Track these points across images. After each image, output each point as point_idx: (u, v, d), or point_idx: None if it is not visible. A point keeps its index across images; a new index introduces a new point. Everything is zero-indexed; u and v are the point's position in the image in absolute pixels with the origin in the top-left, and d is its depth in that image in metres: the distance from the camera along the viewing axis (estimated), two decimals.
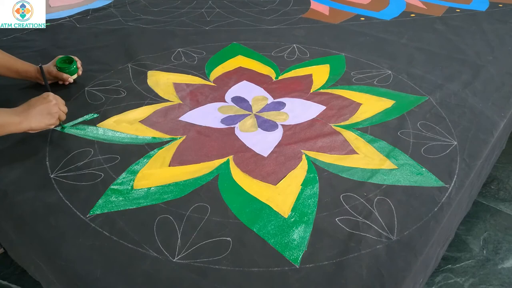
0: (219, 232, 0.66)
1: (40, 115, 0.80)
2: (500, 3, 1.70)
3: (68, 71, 1.04)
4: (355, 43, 1.33)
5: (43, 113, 0.81)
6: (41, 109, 0.81)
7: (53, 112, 0.82)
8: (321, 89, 1.07)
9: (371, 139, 0.88)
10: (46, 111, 0.81)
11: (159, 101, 1.01)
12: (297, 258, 0.62)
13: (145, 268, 0.61)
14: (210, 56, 1.24)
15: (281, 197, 0.73)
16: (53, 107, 0.82)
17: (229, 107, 1.00)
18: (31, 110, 0.79)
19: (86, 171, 0.78)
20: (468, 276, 1.14)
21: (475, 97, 1.03)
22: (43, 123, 0.82)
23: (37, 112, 0.80)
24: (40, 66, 0.92)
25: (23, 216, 0.70)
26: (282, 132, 0.90)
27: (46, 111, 0.81)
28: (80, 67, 1.07)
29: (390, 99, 1.02)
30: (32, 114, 0.79)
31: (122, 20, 1.51)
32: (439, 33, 1.41)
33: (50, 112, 0.82)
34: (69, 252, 0.63)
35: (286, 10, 1.64)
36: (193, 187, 0.75)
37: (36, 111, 0.80)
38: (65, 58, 1.05)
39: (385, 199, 0.73)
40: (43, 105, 0.81)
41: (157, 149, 0.84)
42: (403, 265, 0.62)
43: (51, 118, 0.83)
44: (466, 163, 0.82)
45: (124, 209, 0.70)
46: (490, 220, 1.31)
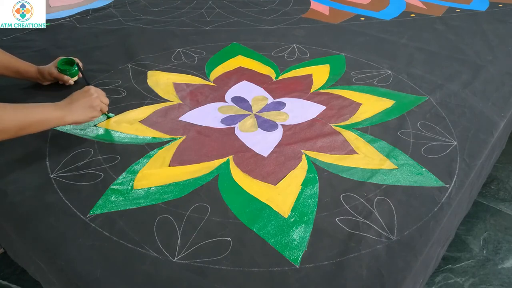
0: (219, 232, 0.66)
1: (83, 108, 0.82)
2: (500, 3, 1.70)
3: (69, 73, 1.04)
4: (355, 43, 1.33)
5: (86, 106, 0.83)
6: (83, 102, 0.83)
7: (95, 105, 0.85)
8: (321, 89, 1.07)
9: (371, 139, 0.88)
10: (88, 104, 0.83)
11: (159, 101, 1.01)
12: (297, 258, 0.62)
13: (145, 268, 0.61)
14: (210, 56, 1.24)
15: (281, 197, 0.73)
16: (95, 100, 0.84)
17: (229, 107, 1.00)
18: (74, 104, 0.81)
19: (86, 171, 0.78)
20: (468, 276, 1.14)
21: (475, 97, 1.03)
22: (86, 116, 0.84)
23: (80, 105, 0.82)
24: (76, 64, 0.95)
25: (23, 216, 0.70)
26: (282, 132, 0.90)
27: (88, 104, 0.83)
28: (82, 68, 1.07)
29: (390, 99, 1.02)
30: (75, 108, 0.81)
31: (122, 20, 1.51)
32: (439, 33, 1.41)
33: (92, 105, 0.84)
34: (69, 252, 0.63)
35: (286, 10, 1.64)
36: (193, 187, 0.75)
37: (78, 104, 0.82)
38: (66, 59, 1.04)
39: (385, 199, 0.73)
40: (85, 99, 0.83)
41: (157, 149, 0.85)
42: (403, 265, 0.62)
43: (93, 110, 0.85)
44: (466, 163, 0.82)
45: (124, 209, 0.70)
46: (490, 220, 1.31)
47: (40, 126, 0.77)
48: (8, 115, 0.71)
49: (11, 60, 0.99)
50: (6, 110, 0.71)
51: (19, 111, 0.73)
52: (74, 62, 1.05)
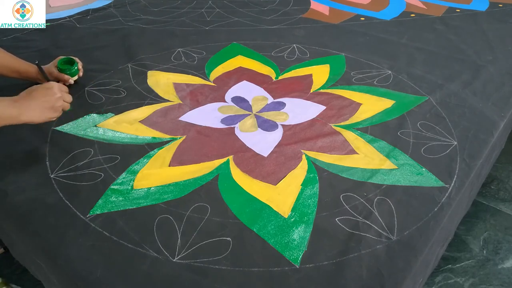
0: (219, 232, 0.66)
1: (42, 108, 0.74)
2: (500, 3, 1.70)
3: (69, 72, 1.04)
4: (355, 43, 1.33)
5: (46, 107, 0.74)
6: (44, 102, 0.74)
7: (57, 106, 0.76)
8: (321, 89, 1.07)
9: (371, 139, 0.88)
10: (50, 105, 0.75)
11: (159, 101, 1.01)
12: (297, 258, 0.62)
13: (145, 268, 0.61)
14: (210, 56, 1.24)
15: (281, 197, 0.73)
16: (57, 101, 0.76)
17: (229, 107, 1.00)
18: (32, 102, 0.73)
19: (86, 171, 0.78)
20: (468, 276, 1.14)
21: (475, 97, 1.03)
22: (45, 117, 0.75)
23: (39, 105, 0.73)
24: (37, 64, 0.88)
25: (23, 216, 0.70)
26: (282, 132, 0.90)
27: (49, 104, 0.75)
28: (81, 68, 1.07)
29: (390, 99, 1.02)
30: (33, 106, 0.72)
31: (122, 20, 1.51)
32: (439, 33, 1.41)
33: (53, 106, 0.75)
34: (69, 252, 0.63)
35: (286, 10, 1.64)
36: (193, 187, 0.75)
37: (38, 103, 0.73)
38: (66, 59, 1.04)
39: (385, 199, 0.73)
40: (47, 98, 0.75)
41: (157, 149, 0.85)
42: (403, 265, 0.62)
43: (54, 112, 0.77)
44: (466, 163, 0.82)
45: (124, 209, 0.70)
46: (490, 220, 1.31)
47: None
48: None
49: (11, 60, 0.98)
50: None
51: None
52: (74, 61, 1.05)
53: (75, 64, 1.04)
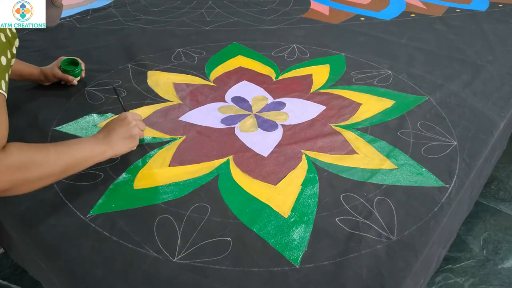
0: (219, 232, 0.66)
1: (122, 139, 0.75)
2: (500, 3, 1.70)
3: (73, 73, 1.04)
4: (355, 43, 1.33)
5: (125, 137, 0.76)
6: (122, 132, 0.75)
7: (134, 134, 0.77)
8: (321, 89, 1.07)
9: (371, 139, 0.88)
10: (128, 135, 0.76)
11: (159, 101, 1.01)
12: (297, 258, 0.62)
13: (145, 268, 0.61)
14: (210, 56, 1.24)
15: (281, 197, 0.73)
16: (134, 129, 0.77)
17: (229, 107, 1.00)
18: (113, 136, 0.74)
19: (86, 171, 0.78)
20: (468, 276, 1.14)
21: (475, 97, 1.03)
22: (127, 147, 0.77)
23: (119, 136, 0.74)
24: (113, 87, 0.89)
25: (23, 216, 0.70)
26: (282, 132, 0.90)
27: (127, 134, 0.76)
28: (83, 69, 1.08)
29: (390, 99, 1.02)
30: (114, 140, 0.74)
31: (122, 20, 1.51)
32: (439, 33, 1.41)
33: (131, 135, 0.76)
34: (69, 252, 0.63)
35: (286, 10, 1.64)
36: (193, 187, 0.75)
37: (117, 136, 0.74)
38: (69, 60, 1.05)
39: (385, 199, 0.73)
40: (124, 128, 0.76)
41: (157, 149, 0.84)
42: (403, 265, 0.62)
43: (133, 140, 0.77)
44: (466, 163, 0.82)
45: (124, 209, 0.70)
46: (490, 220, 1.31)
47: (84, 165, 0.69)
48: (52, 159, 0.63)
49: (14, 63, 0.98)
50: (49, 154, 0.63)
51: (62, 152, 0.66)
52: (77, 62, 1.05)
53: (79, 66, 1.05)
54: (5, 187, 0.57)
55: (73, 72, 1.04)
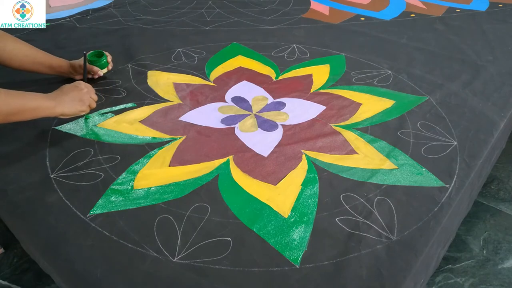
0: (219, 232, 0.66)
1: (72, 101, 0.84)
2: (500, 3, 1.70)
3: (99, 64, 1.06)
4: (355, 43, 1.33)
5: (75, 100, 0.85)
6: (73, 95, 0.85)
7: (85, 99, 0.86)
8: (321, 89, 1.07)
9: (371, 139, 0.88)
10: (78, 98, 0.85)
11: (159, 101, 1.01)
12: (297, 258, 0.62)
13: (145, 268, 0.61)
14: (210, 56, 1.24)
15: (281, 197, 0.73)
16: (85, 95, 0.87)
17: (229, 107, 1.00)
18: (64, 97, 0.84)
19: (86, 171, 0.78)
20: (468, 276, 1.14)
21: (475, 97, 1.03)
22: (75, 109, 0.85)
23: (70, 98, 0.84)
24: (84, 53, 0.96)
25: (23, 216, 0.70)
26: (282, 132, 0.90)
27: (78, 97, 0.85)
28: (110, 61, 1.10)
29: (390, 99, 1.02)
30: (65, 100, 0.83)
31: (122, 20, 1.51)
32: (439, 33, 1.41)
33: (81, 99, 0.86)
34: (69, 252, 0.63)
35: (286, 10, 1.64)
36: (193, 187, 0.75)
37: (68, 97, 0.84)
38: (96, 52, 1.07)
39: (385, 199, 0.73)
40: (75, 92, 0.85)
41: (157, 149, 0.85)
42: (403, 265, 0.62)
43: (82, 105, 0.86)
44: (466, 163, 0.82)
45: (124, 209, 0.70)
46: (490, 220, 1.31)
47: (31, 114, 0.78)
48: (1, 99, 0.72)
49: (44, 56, 1.02)
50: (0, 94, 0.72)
51: (11, 97, 0.74)
52: (104, 54, 1.07)
53: (104, 57, 1.07)
54: None
55: (98, 63, 1.06)
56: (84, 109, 0.87)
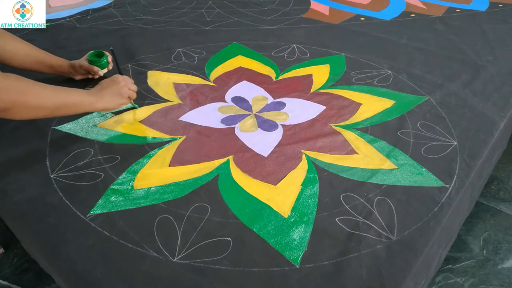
0: (219, 232, 0.66)
1: (111, 95, 0.86)
2: (500, 3, 1.70)
3: (99, 64, 1.07)
4: (355, 43, 1.33)
5: (114, 94, 0.87)
6: (112, 90, 0.87)
7: (123, 92, 0.89)
8: (321, 89, 1.07)
9: (371, 139, 0.88)
10: (117, 92, 0.87)
11: (159, 101, 1.01)
12: (297, 258, 0.62)
13: (145, 268, 0.61)
14: (210, 56, 1.24)
15: (281, 197, 0.73)
16: (123, 88, 0.89)
17: (229, 107, 1.00)
18: (104, 91, 0.86)
19: (86, 171, 0.78)
20: (468, 276, 1.14)
21: (475, 97, 1.03)
22: (115, 103, 0.88)
23: (109, 93, 0.86)
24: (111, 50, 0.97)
25: (23, 216, 0.70)
26: (282, 132, 0.90)
27: (116, 91, 0.87)
28: (110, 62, 1.11)
29: (390, 99, 1.02)
30: (105, 94, 0.85)
31: (122, 20, 1.51)
32: (439, 33, 1.41)
33: (120, 93, 0.88)
34: (69, 252, 0.63)
35: (286, 10, 1.64)
36: (193, 187, 0.75)
37: (108, 92, 0.86)
38: (96, 52, 1.08)
39: (385, 199, 0.73)
40: (114, 86, 0.87)
41: (157, 149, 0.85)
42: (403, 265, 0.62)
43: (122, 98, 0.89)
44: (466, 163, 0.82)
45: (124, 209, 0.70)
46: (490, 220, 1.31)
47: (75, 108, 0.81)
48: (48, 93, 0.75)
49: (44, 56, 1.02)
50: (47, 89, 0.75)
51: (57, 91, 0.77)
52: (104, 54, 1.08)
53: (104, 57, 1.08)
54: (6, 106, 0.67)
55: (99, 63, 1.07)
56: (124, 102, 0.90)
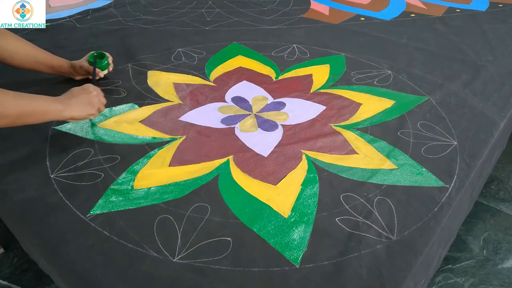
0: (219, 232, 0.66)
1: (81, 104, 0.82)
2: (500, 3, 1.70)
3: (100, 66, 1.06)
4: (355, 43, 1.33)
5: (84, 103, 0.82)
6: (82, 98, 0.82)
7: (94, 102, 0.84)
8: (321, 89, 1.07)
9: (371, 139, 0.88)
10: (87, 101, 0.83)
11: (159, 101, 1.01)
12: (297, 258, 0.62)
13: (145, 268, 0.61)
14: (210, 56, 1.24)
15: (281, 197, 0.73)
16: (94, 98, 0.84)
17: (229, 107, 1.00)
18: (73, 100, 0.81)
19: (86, 171, 0.78)
20: (468, 276, 1.14)
21: (475, 97, 1.03)
22: (84, 112, 0.83)
23: (79, 101, 0.82)
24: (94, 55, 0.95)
25: (23, 216, 0.70)
26: (282, 132, 0.90)
27: (86, 101, 0.83)
28: (111, 63, 1.10)
29: (390, 99, 1.02)
30: (74, 103, 0.81)
31: (122, 20, 1.51)
32: (439, 33, 1.41)
33: (91, 102, 0.83)
34: (69, 252, 0.63)
35: (286, 10, 1.64)
36: (193, 187, 0.75)
37: (77, 100, 0.81)
38: (97, 53, 1.07)
39: (385, 199, 0.73)
40: (84, 95, 0.83)
41: (157, 149, 0.85)
42: (403, 265, 0.62)
43: (92, 108, 0.84)
44: (466, 163, 0.82)
45: (124, 209, 0.70)
46: (490, 220, 1.31)
47: (39, 117, 0.76)
48: (9, 102, 0.70)
49: (45, 56, 1.02)
50: (8, 96, 0.70)
51: (20, 99, 0.73)
52: (105, 56, 1.07)
53: (105, 58, 1.07)
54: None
55: (99, 64, 1.06)
56: (93, 113, 0.85)
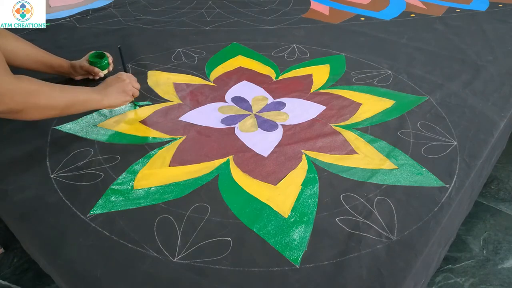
0: (219, 232, 0.66)
1: (117, 93, 0.88)
2: (500, 3, 1.70)
3: (100, 65, 1.07)
4: (355, 43, 1.33)
5: (119, 91, 0.88)
6: (117, 87, 0.88)
7: (128, 89, 0.90)
8: (321, 89, 1.07)
9: (371, 139, 0.88)
10: (122, 89, 0.89)
11: (159, 101, 1.01)
12: (297, 258, 0.62)
13: (145, 268, 0.61)
14: (210, 56, 1.24)
15: (281, 197, 0.73)
16: (127, 85, 0.90)
17: (229, 107, 1.00)
18: (109, 89, 0.87)
19: (86, 171, 0.78)
20: (468, 276, 1.14)
21: (475, 97, 1.03)
22: (120, 100, 0.89)
23: (114, 90, 0.88)
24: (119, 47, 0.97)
25: (23, 216, 0.70)
26: (282, 132, 0.90)
27: (121, 89, 0.89)
28: (111, 63, 1.11)
29: (390, 99, 1.02)
30: (110, 92, 0.87)
31: (122, 20, 1.51)
32: (439, 33, 1.41)
33: (125, 90, 0.89)
34: (69, 252, 0.63)
35: (286, 10, 1.64)
36: (193, 187, 0.75)
37: (113, 89, 0.87)
38: (97, 53, 1.08)
39: (385, 199, 0.73)
40: (119, 84, 0.89)
41: (157, 149, 0.85)
42: (403, 265, 0.62)
43: (126, 95, 0.90)
44: (466, 163, 0.82)
45: (124, 209, 0.70)
46: (490, 220, 1.31)
47: (83, 106, 0.82)
48: (57, 93, 0.76)
49: (45, 56, 1.02)
50: (55, 89, 0.76)
51: (66, 91, 0.79)
52: (104, 55, 1.08)
53: (105, 58, 1.08)
54: (18, 107, 0.70)
55: (99, 64, 1.07)
56: (128, 99, 0.91)
